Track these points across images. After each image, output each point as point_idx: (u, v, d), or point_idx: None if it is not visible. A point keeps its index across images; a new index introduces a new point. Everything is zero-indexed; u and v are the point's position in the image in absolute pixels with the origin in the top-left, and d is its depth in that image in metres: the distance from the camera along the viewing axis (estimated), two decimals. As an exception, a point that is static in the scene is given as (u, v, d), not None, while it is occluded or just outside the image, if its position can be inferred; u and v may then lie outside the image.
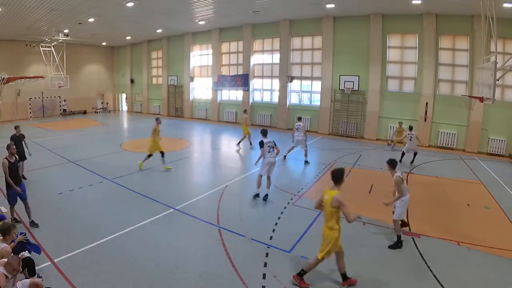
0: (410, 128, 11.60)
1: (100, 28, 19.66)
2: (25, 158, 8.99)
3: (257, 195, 7.81)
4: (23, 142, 9.00)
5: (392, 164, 5.62)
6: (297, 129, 11.19)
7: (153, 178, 9.44)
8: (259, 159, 7.84)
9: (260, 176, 7.80)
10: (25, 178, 8.37)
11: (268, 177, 7.81)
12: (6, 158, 5.89)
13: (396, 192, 5.69)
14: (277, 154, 7.77)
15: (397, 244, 5.52)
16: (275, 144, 7.75)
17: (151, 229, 6.11)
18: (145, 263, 4.91)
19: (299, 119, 11.75)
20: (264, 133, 7.97)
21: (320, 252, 4.32)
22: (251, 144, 13.98)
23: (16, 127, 9.17)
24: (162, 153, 10.08)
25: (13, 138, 8.68)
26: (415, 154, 11.35)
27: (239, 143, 13.91)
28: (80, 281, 4.41)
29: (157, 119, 10.37)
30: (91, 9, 14.69)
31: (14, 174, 5.91)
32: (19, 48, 22.45)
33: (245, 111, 15.21)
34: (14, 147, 6.07)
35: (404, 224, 6.03)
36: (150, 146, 10.04)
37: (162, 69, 26.07)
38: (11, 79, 18.64)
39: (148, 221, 6.39)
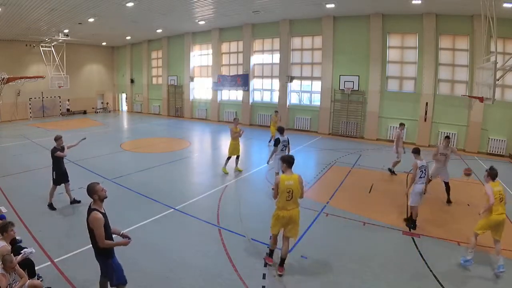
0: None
1: (100, 28, 19.65)
2: (68, 180, 7.22)
3: None
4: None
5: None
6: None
7: (153, 178, 9.43)
8: (270, 156, 8.17)
9: (277, 173, 7.97)
10: (78, 202, 7.10)
11: None
12: (96, 209, 3.51)
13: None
14: (288, 152, 8.12)
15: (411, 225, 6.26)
16: (289, 143, 8.12)
17: (151, 229, 6.12)
18: (145, 263, 4.91)
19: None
20: (281, 130, 8.19)
21: (296, 234, 4.73)
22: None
23: (57, 139, 7.06)
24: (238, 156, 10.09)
25: (54, 152, 6.93)
26: None
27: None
28: (80, 281, 4.41)
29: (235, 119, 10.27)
30: (91, 9, 14.68)
31: (109, 233, 3.62)
32: (19, 48, 22.45)
33: (275, 111, 15.43)
34: (101, 187, 3.70)
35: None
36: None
37: (162, 69, 26.07)
38: (11, 79, 18.66)
39: (148, 221, 6.39)
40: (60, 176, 7.08)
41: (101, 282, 3.83)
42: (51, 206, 6.97)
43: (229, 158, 9.90)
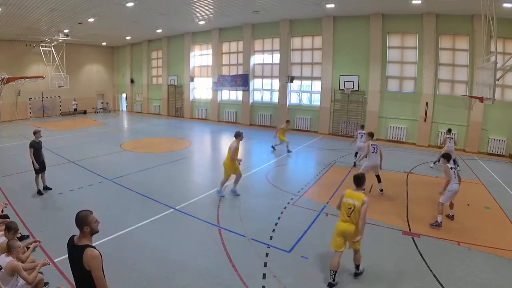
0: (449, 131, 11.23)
1: (100, 28, 19.66)
2: (45, 169, 7.97)
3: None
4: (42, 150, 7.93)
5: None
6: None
7: (153, 178, 9.43)
8: (361, 159, 9.07)
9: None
10: (50, 188, 7.99)
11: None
12: (88, 245, 2.78)
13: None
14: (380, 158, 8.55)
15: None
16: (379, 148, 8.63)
17: (151, 229, 6.11)
18: (145, 263, 4.91)
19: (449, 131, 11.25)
20: (371, 135, 8.90)
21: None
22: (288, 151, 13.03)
23: (36, 132, 7.82)
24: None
25: (33, 145, 7.63)
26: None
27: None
28: (80, 281, 4.40)
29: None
30: (91, 9, 14.69)
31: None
32: (19, 48, 22.46)
33: (287, 121, 13.34)
34: (95, 217, 2.91)
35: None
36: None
37: (162, 69, 26.08)
38: (11, 79, 18.62)
39: (148, 221, 6.39)
40: (40, 164, 7.79)
41: None
42: (46, 188, 8.03)
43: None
